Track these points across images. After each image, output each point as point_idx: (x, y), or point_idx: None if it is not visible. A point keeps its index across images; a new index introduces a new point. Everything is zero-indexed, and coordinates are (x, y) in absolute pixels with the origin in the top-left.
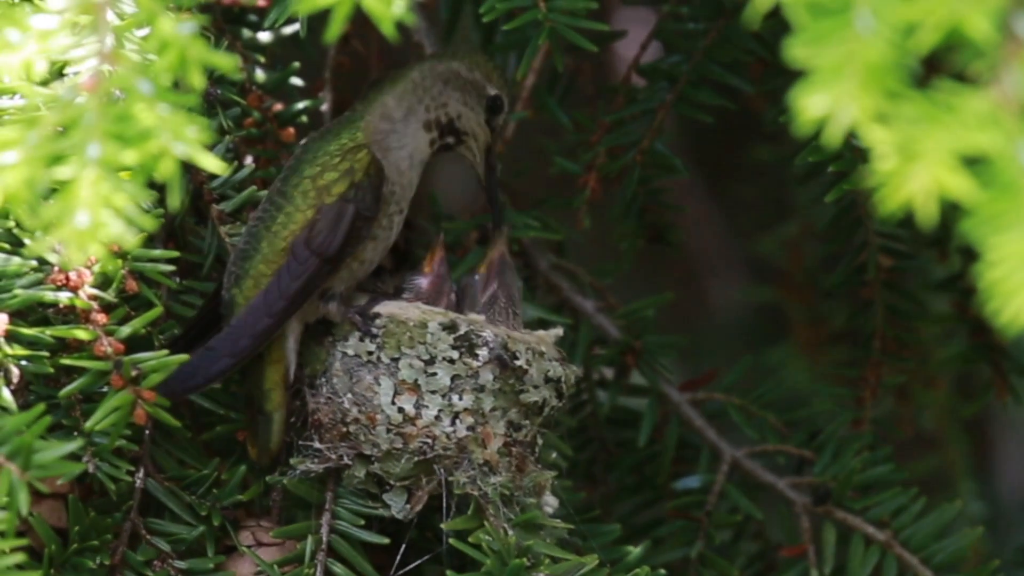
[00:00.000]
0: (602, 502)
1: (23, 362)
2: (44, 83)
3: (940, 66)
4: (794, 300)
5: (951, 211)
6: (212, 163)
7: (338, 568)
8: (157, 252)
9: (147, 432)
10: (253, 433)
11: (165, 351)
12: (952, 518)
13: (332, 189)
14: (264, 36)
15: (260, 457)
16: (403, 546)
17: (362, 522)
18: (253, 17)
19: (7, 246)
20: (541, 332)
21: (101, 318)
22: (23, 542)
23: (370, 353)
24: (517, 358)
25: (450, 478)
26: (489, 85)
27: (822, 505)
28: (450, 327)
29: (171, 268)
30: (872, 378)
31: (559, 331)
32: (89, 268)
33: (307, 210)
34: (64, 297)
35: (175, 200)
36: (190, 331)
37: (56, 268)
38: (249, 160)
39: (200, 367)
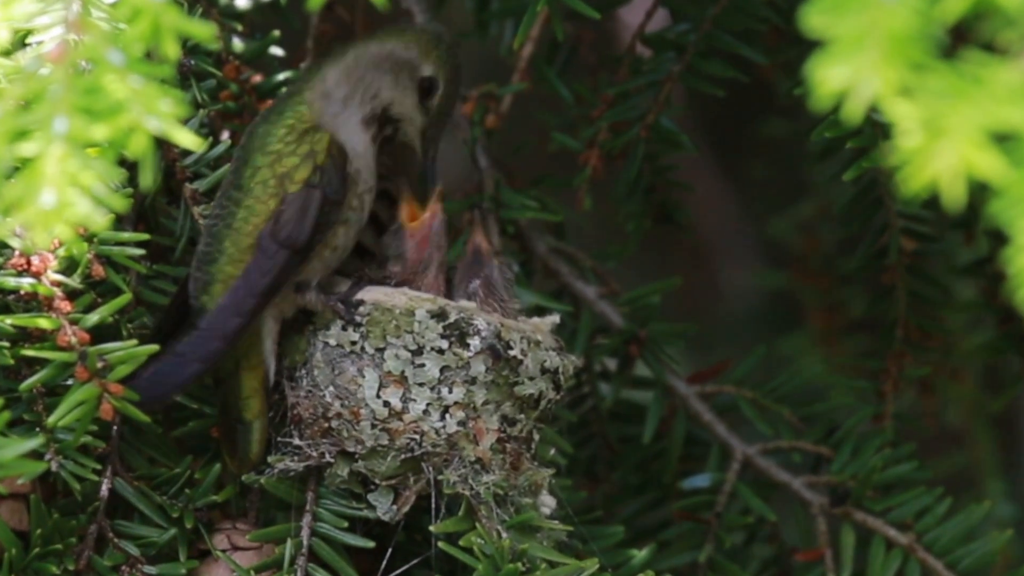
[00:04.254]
0: (604, 502)
1: None
2: (6, 53)
3: (968, 36)
4: (809, 286)
5: (979, 191)
6: (186, 139)
7: (320, 573)
8: (126, 235)
9: (115, 428)
10: (231, 443)
11: (133, 341)
12: (979, 520)
13: (294, 176)
14: (242, 2)
15: (240, 468)
16: (389, 550)
17: (345, 524)
18: None
19: None
20: (537, 320)
21: (65, 306)
22: None
23: (353, 343)
24: (511, 348)
25: (439, 477)
26: (424, 64)
27: (840, 506)
28: (439, 315)
29: (141, 252)
30: (894, 370)
31: (556, 319)
32: (53, 252)
33: (269, 200)
34: (26, 283)
35: (147, 178)
36: (159, 331)
37: (17, 252)
38: (225, 136)
39: (169, 374)
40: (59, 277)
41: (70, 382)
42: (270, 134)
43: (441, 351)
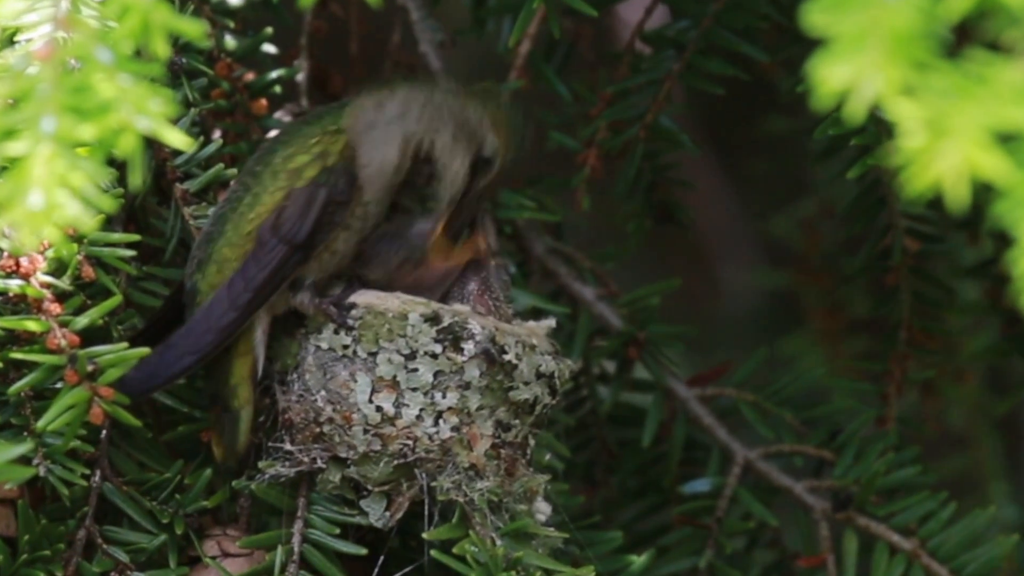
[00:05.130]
0: (602, 507)
1: None
2: None
3: (972, 34)
4: (810, 285)
5: (983, 191)
6: (176, 138)
7: None
8: (116, 236)
9: (104, 432)
10: (218, 432)
11: (124, 344)
12: (984, 525)
13: (303, 173)
14: None
15: (226, 458)
16: (382, 557)
17: (337, 531)
18: None
19: None
20: (532, 323)
21: (55, 308)
22: None
23: (346, 347)
24: (506, 352)
25: (433, 483)
26: (488, 144)
27: (843, 511)
28: (433, 319)
29: (131, 253)
30: (898, 372)
31: (551, 322)
32: (42, 253)
33: (275, 192)
34: (14, 285)
35: (136, 179)
36: (153, 325)
37: (6, 253)
38: (217, 135)
39: (160, 365)
40: (48, 279)
41: (59, 385)
42: (300, 132)
43: (435, 355)
